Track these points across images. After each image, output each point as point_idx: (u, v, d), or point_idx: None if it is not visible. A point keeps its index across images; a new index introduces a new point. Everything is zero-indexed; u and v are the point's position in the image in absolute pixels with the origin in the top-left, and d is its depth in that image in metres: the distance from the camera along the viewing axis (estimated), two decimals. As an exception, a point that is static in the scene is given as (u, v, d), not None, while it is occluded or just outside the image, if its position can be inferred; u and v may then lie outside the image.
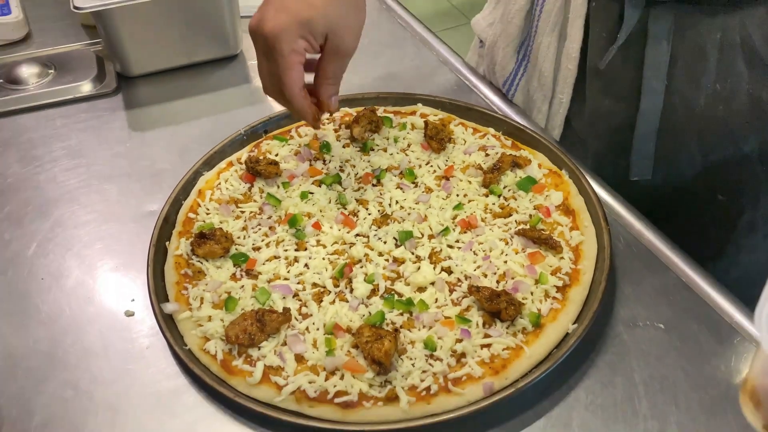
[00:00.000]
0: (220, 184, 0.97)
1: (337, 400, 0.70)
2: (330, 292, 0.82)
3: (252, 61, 1.30)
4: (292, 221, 0.90)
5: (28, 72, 1.21)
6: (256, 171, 0.97)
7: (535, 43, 1.06)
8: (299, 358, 0.75)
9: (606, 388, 0.74)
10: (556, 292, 0.80)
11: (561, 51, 1.02)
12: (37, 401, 0.75)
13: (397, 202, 0.94)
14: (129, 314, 0.84)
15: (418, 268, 0.84)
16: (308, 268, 0.85)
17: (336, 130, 1.06)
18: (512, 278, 0.82)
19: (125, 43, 1.17)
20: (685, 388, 0.73)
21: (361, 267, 0.85)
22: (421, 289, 0.82)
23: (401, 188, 0.96)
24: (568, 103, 1.06)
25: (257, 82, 1.23)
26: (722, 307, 0.81)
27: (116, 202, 1.00)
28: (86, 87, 1.20)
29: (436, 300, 0.81)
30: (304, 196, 0.95)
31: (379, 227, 0.91)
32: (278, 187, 0.97)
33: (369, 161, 1.01)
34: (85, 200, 1.00)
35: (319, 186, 0.97)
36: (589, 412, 0.72)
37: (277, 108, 1.07)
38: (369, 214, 0.92)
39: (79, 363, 0.79)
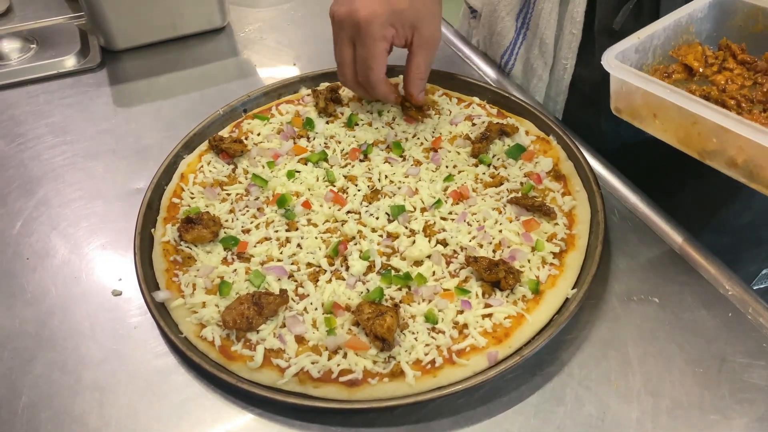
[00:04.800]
0: (202, 166, 0.94)
1: (341, 379, 0.70)
2: (325, 271, 0.81)
3: (241, 33, 1.27)
4: (281, 201, 0.88)
5: (9, 47, 1.17)
6: (220, 149, 0.95)
7: (535, 10, 1.04)
8: (300, 339, 0.74)
9: (600, 363, 0.74)
10: (553, 258, 0.80)
11: (563, 16, 1.01)
12: (24, 382, 0.74)
13: (386, 176, 0.92)
14: (116, 293, 0.82)
15: (413, 242, 0.83)
16: (301, 248, 0.83)
17: (317, 106, 1.03)
18: (508, 247, 0.82)
19: (109, 16, 1.14)
20: (680, 362, 0.73)
21: (356, 244, 0.84)
22: (418, 263, 0.81)
23: (389, 162, 0.94)
24: (572, 68, 1.05)
25: (245, 54, 1.22)
26: (718, 280, 0.81)
27: (102, 179, 0.98)
28: (70, 62, 1.16)
29: (434, 273, 0.80)
30: (290, 175, 0.92)
31: (370, 203, 0.89)
32: (263, 167, 0.94)
33: (354, 136, 0.99)
34: (70, 178, 0.98)
35: (306, 164, 0.95)
36: (582, 387, 0.72)
37: (258, 84, 1.05)
38: (359, 191, 0.90)
39: (66, 343, 0.77)
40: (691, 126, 0.71)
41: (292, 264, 0.82)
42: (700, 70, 0.83)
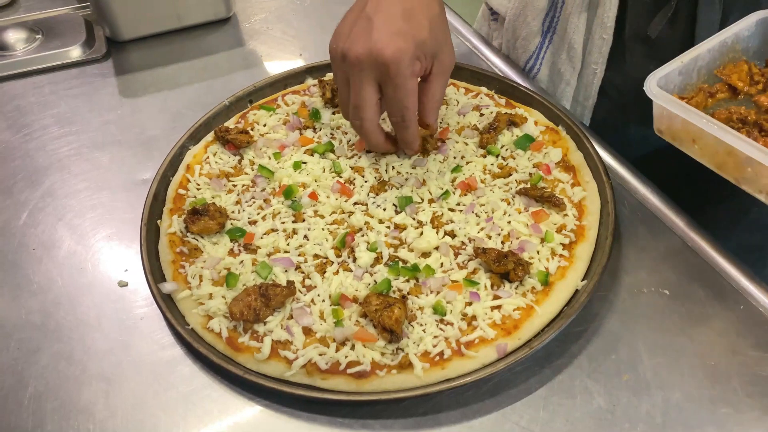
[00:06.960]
0: (208, 157, 0.94)
1: (349, 371, 0.69)
2: (333, 262, 0.80)
3: (246, 24, 1.26)
4: (287, 192, 0.87)
5: (14, 37, 1.17)
6: (226, 140, 0.94)
7: (563, 14, 1.01)
8: (307, 331, 0.73)
9: (610, 355, 0.73)
10: (563, 249, 0.79)
11: (593, 20, 0.98)
12: (30, 372, 0.74)
13: (393, 167, 0.92)
14: (122, 284, 0.82)
15: (421, 234, 0.82)
16: (308, 240, 0.83)
17: (323, 96, 1.03)
18: (517, 238, 0.81)
19: (114, 6, 1.13)
20: (690, 355, 0.73)
21: (363, 236, 0.83)
22: (426, 254, 0.81)
23: (396, 153, 0.93)
24: (602, 73, 1.02)
25: (251, 45, 1.21)
26: (728, 272, 0.80)
27: (108, 170, 0.98)
28: (75, 52, 1.16)
29: (442, 264, 0.79)
30: (297, 166, 0.92)
31: (377, 194, 0.88)
32: (269, 158, 0.94)
33: (361, 127, 0.98)
34: (75, 169, 0.98)
35: (312, 155, 0.94)
36: (592, 380, 0.71)
37: (264, 75, 1.04)
38: (366, 182, 0.90)
39: (72, 334, 0.77)
40: (727, 155, 0.72)
41: (299, 255, 0.81)
42: (745, 89, 0.82)
